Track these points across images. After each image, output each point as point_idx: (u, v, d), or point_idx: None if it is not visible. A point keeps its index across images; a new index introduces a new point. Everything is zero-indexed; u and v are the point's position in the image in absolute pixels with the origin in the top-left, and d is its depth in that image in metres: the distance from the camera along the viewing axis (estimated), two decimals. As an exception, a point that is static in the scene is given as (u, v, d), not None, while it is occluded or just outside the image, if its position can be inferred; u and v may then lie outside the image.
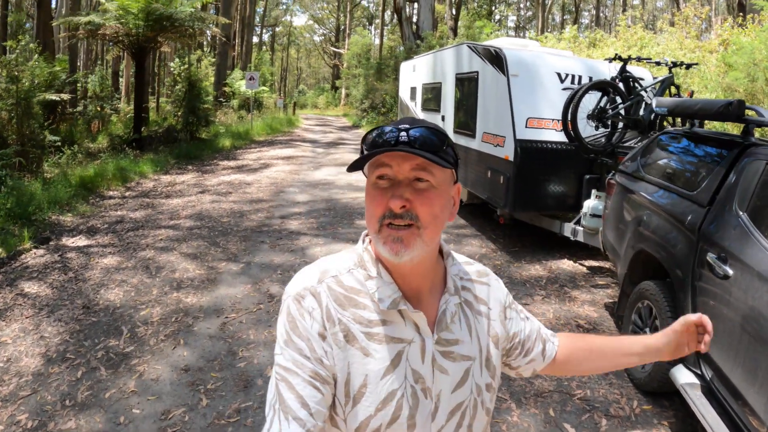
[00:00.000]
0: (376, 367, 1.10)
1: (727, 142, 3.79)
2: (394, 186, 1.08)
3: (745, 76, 9.46)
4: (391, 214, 1.07)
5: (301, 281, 1.16)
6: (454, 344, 1.18)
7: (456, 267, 1.28)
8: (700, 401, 3.12)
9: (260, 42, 61.01)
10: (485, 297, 1.29)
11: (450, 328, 1.18)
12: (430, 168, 1.09)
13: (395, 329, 1.13)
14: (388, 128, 1.10)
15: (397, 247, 1.07)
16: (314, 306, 1.11)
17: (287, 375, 1.06)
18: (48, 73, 12.40)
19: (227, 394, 3.84)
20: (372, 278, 1.15)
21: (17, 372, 4.07)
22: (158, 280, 5.97)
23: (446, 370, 1.16)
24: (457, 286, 1.23)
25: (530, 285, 6.19)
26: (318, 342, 1.08)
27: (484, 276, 1.33)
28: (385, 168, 1.09)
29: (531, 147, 6.95)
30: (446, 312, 1.18)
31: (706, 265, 3.20)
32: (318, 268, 1.19)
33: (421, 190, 1.08)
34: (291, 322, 1.10)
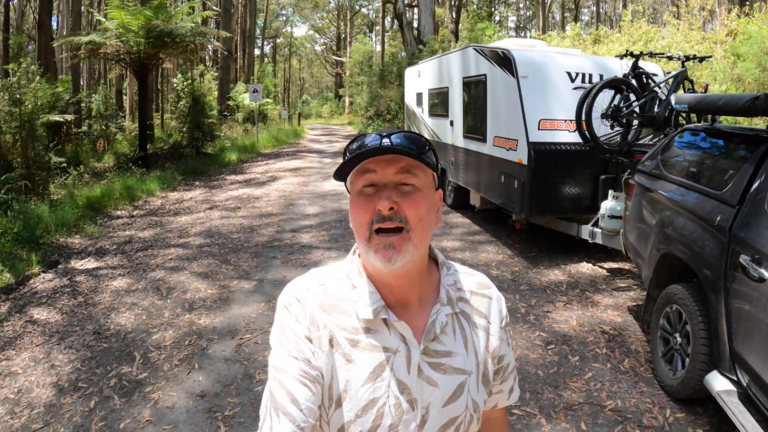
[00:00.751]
0: (357, 374, 1.10)
1: (753, 137, 3.63)
2: (379, 191, 1.09)
3: (756, 66, 9.29)
4: (380, 218, 1.07)
5: (289, 291, 1.18)
6: (444, 356, 1.16)
7: (452, 277, 1.24)
8: (738, 408, 2.98)
9: (262, 54, 61.17)
10: (485, 310, 1.26)
11: (441, 339, 1.16)
12: (413, 171, 1.10)
13: (380, 338, 1.12)
14: (369, 136, 1.12)
15: (389, 254, 1.06)
16: (300, 312, 1.13)
17: (278, 374, 1.09)
18: (51, 95, 12.39)
19: (246, 421, 3.71)
20: (355, 288, 1.16)
21: (29, 403, 3.96)
22: (170, 301, 5.86)
23: (435, 383, 1.13)
24: (451, 296, 1.20)
25: (551, 291, 6.04)
26: (305, 343, 1.10)
27: (485, 288, 1.29)
28: (370, 174, 1.10)
29: (545, 149, 6.81)
30: (436, 322, 1.15)
31: (740, 267, 3.05)
32: (307, 277, 1.21)
33: (406, 193, 1.09)
34: (280, 327, 1.14)
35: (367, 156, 1.07)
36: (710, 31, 14.74)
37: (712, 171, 3.96)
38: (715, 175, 3.85)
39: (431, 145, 1.15)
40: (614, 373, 4.25)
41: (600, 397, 3.92)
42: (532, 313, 5.43)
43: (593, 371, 4.29)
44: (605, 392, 3.99)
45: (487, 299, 1.27)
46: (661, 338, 4.11)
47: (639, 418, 3.67)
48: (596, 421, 3.65)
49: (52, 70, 14.38)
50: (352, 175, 1.13)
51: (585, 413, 3.73)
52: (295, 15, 71.69)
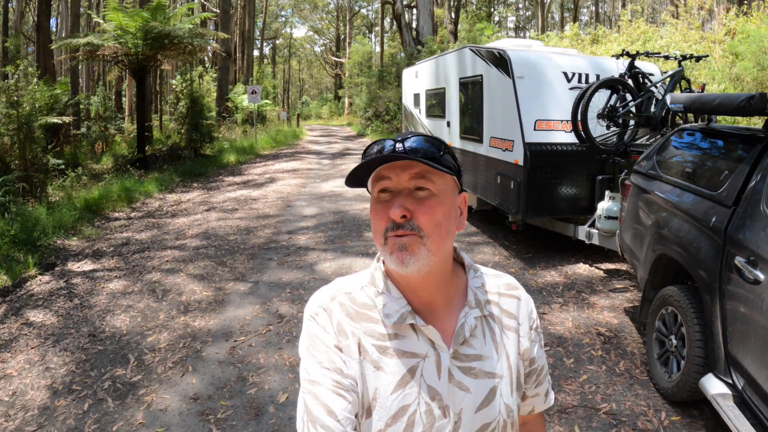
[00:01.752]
0: (386, 381, 1.09)
1: (749, 137, 3.61)
2: (394, 197, 1.08)
3: (754, 65, 9.26)
4: (394, 225, 1.06)
5: (315, 301, 1.18)
6: (475, 360, 1.15)
7: (479, 280, 1.23)
8: (733, 412, 2.95)
9: (261, 55, 61.16)
10: (514, 311, 1.24)
11: (470, 342, 1.15)
12: (428, 176, 1.08)
13: (408, 344, 1.11)
14: (387, 141, 1.10)
15: (402, 255, 1.05)
16: (326, 321, 1.13)
17: (312, 387, 1.08)
18: (49, 97, 12.38)
19: (238, 424, 3.69)
20: (381, 294, 1.15)
21: (23, 406, 3.95)
22: (165, 303, 5.84)
23: (467, 387, 1.12)
24: (479, 299, 1.19)
25: (547, 292, 6.02)
26: (336, 353, 1.09)
27: (513, 289, 1.27)
28: (385, 181, 1.09)
29: (541, 150, 6.79)
30: (465, 326, 1.14)
31: (735, 269, 3.03)
32: (332, 286, 1.20)
33: (421, 198, 1.08)
34: (309, 338, 1.13)
35: (377, 163, 1.07)
36: (709, 31, 14.73)
37: (708, 171, 3.93)
38: (711, 175, 3.83)
39: (449, 149, 1.14)
40: (609, 376, 4.23)
41: (595, 400, 3.90)
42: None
43: (588, 373, 4.27)
44: (600, 395, 3.97)
45: (516, 300, 1.26)
46: (656, 340, 4.09)
47: (634, 421, 3.64)
48: (590, 424, 3.63)
49: (50, 71, 14.37)
50: (371, 180, 1.12)
51: (579, 416, 3.71)
52: (294, 16, 71.79)
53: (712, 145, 4.18)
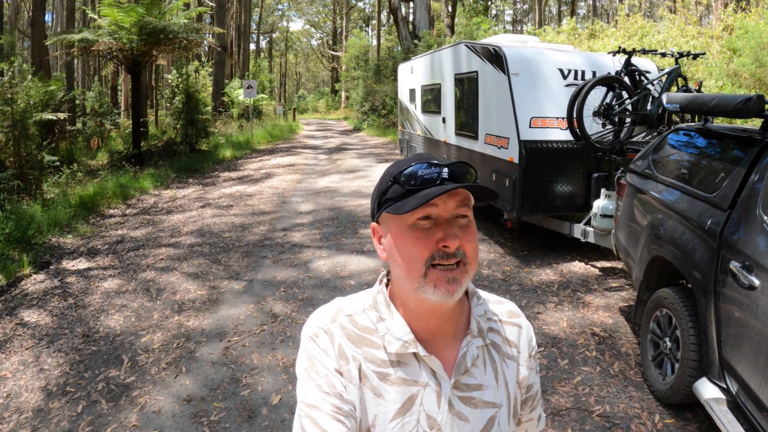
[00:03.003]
0: (386, 408, 1.08)
1: (746, 139, 3.57)
2: (437, 225, 1.05)
3: (753, 62, 9.23)
4: (443, 254, 1.04)
5: (315, 321, 1.16)
6: (475, 389, 1.14)
7: (482, 307, 1.21)
8: (727, 417, 2.95)
9: (257, 49, 60.88)
10: (516, 339, 1.24)
11: (471, 372, 1.14)
12: (469, 203, 1.09)
13: (409, 371, 1.10)
14: (420, 166, 1.07)
15: (453, 288, 1.04)
16: (327, 344, 1.11)
17: (310, 411, 1.06)
18: (44, 93, 12.30)
19: (231, 426, 3.68)
20: (383, 320, 1.13)
21: (17, 408, 3.93)
22: (159, 303, 5.82)
23: (466, 417, 1.11)
24: (482, 327, 1.17)
25: (542, 291, 6.01)
26: (336, 377, 1.08)
27: (515, 317, 1.27)
28: (431, 207, 1.05)
29: (536, 147, 6.77)
30: (467, 355, 1.13)
31: (730, 273, 3.01)
32: (333, 307, 1.18)
33: (464, 226, 1.07)
34: (308, 360, 1.11)
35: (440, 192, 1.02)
36: (706, 26, 14.70)
37: (704, 173, 3.90)
38: (707, 177, 3.80)
39: None
40: (603, 377, 4.22)
41: (588, 402, 3.89)
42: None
43: (582, 375, 4.26)
44: (594, 397, 3.96)
45: (517, 328, 1.25)
46: (651, 342, 4.08)
47: (627, 424, 3.64)
48: (583, 427, 3.62)
49: (45, 67, 14.31)
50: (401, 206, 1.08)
51: (572, 419, 3.70)
52: (291, 9, 71.49)
53: (709, 146, 4.15)
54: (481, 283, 6.23)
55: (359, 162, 17.82)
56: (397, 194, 1.07)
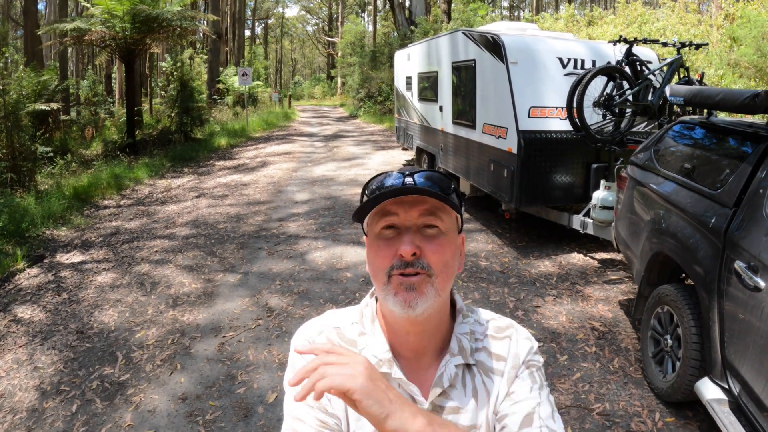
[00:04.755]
0: (365, 425, 1.05)
1: (752, 134, 3.49)
2: (401, 234, 1.03)
3: (754, 52, 9.14)
4: (401, 263, 1.01)
5: (303, 334, 1.15)
6: (452, 412, 1.09)
7: (467, 326, 1.15)
8: (728, 418, 2.90)
9: (253, 36, 60.54)
10: (504, 352, 1.15)
11: (448, 393, 1.09)
12: (438, 213, 1.04)
13: None
14: (390, 175, 1.06)
15: (410, 297, 1.00)
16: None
17: (295, 424, 1.06)
18: (36, 83, 12.16)
19: (227, 425, 3.63)
20: (364, 335, 1.12)
21: (11, 408, 3.88)
22: (153, 297, 5.76)
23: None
24: (463, 346, 1.12)
25: (540, 284, 5.96)
26: None
27: (504, 330, 1.19)
28: (391, 217, 1.03)
29: (535, 138, 6.69)
30: (444, 376, 1.09)
31: (734, 273, 2.95)
32: (321, 320, 1.17)
33: (430, 236, 1.03)
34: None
35: (389, 196, 1.01)
36: (706, 13, 14.59)
37: (708, 168, 3.82)
38: (711, 173, 3.71)
39: (456, 187, 1.10)
40: (603, 374, 4.18)
41: (588, 400, 3.85)
42: (521, 308, 5.35)
43: (582, 371, 4.22)
44: (593, 394, 3.91)
45: (507, 340, 1.17)
46: (651, 339, 4.02)
47: (627, 422, 3.60)
48: (583, 425, 3.57)
49: (38, 57, 14.15)
50: (370, 217, 1.07)
51: (572, 417, 3.66)
52: (287, -5, 70.92)
53: (713, 141, 4.08)
54: (479, 275, 6.18)
55: (356, 150, 17.72)
56: (362, 204, 1.05)
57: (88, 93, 21.60)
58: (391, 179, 1.05)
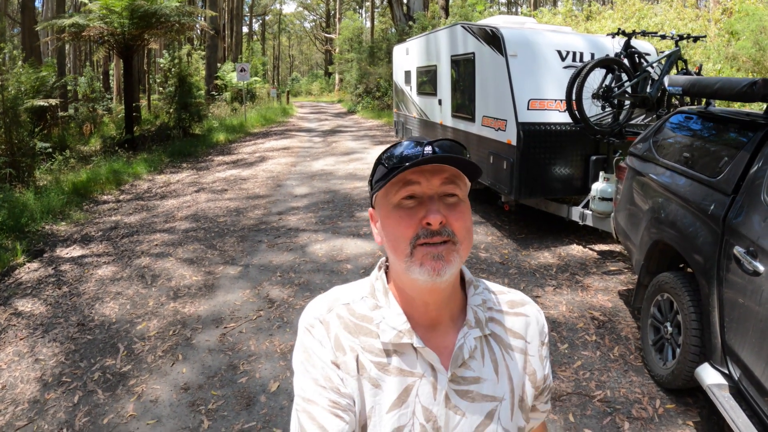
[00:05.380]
0: (383, 399, 1.05)
1: (749, 123, 3.52)
2: (422, 204, 1.03)
3: (753, 45, 9.15)
4: (428, 232, 1.01)
5: (311, 311, 1.13)
6: (473, 383, 1.09)
7: (481, 296, 1.16)
8: (729, 403, 2.92)
9: (250, 32, 60.44)
10: (521, 330, 1.18)
11: (468, 364, 1.09)
12: (456, 181, 1.05)
13: (406, 361, 1.07)
14: (407, 144, 1.05)
15: (438, 265, 1.00)
16: (323, 335, 1.08)
17: (307, 405, 1.04)
18: (35, 79, 12.15)
19: (229, 414, 3.65)
20: (379, 308, 1.10)
21: (13, 400, 3.89)
22: (154, 289, 5.77)
23: (462, 411, 1.07)
24: (479, 318, 1.12)
25: (540, 275, 5.98)
26: (333, 370, 1.05)
27: (519, 306, 1.21)
28: (413, 186, 1.03)
29: (534, 130, 6.71)
30: (464, 347, 1.08)
31: (733, 259, 2.97)
32: (329, 296, 1.15)
33: (452, 204, 1.04)
34: (305, 353, 1.09)
35: (414, 165, 1.01)
36: (704, 8, 14.59)
37: (706, 157, 3.84)
38: (709, 161, 3.74)
39: None
40: (604, 362, 4.20)
41: (589, 387, 3.87)
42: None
43: (582, 359, 4.24)
44: (594, 381, 3.94)
45: (523, 317, 1.20)
46: (651, 327, 4.05)
47: (628, 408, 3.62)
48: (584, 412, 3.60)
49: (36, 53, 14.12)
50: (387, 187, 1.06)
51: (573, 404, 3.69)
52: (284, -9, 70.77)
53: (711, 130, 4.09)
54: (479, 266, 6.20)
55: (354, 144, 17.72)
56: (381, 175, 1.06)
57: (86, 89, 21.53)
58: (410, 148, 1.05)
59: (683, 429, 3.43)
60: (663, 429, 3.43)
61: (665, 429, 3.43)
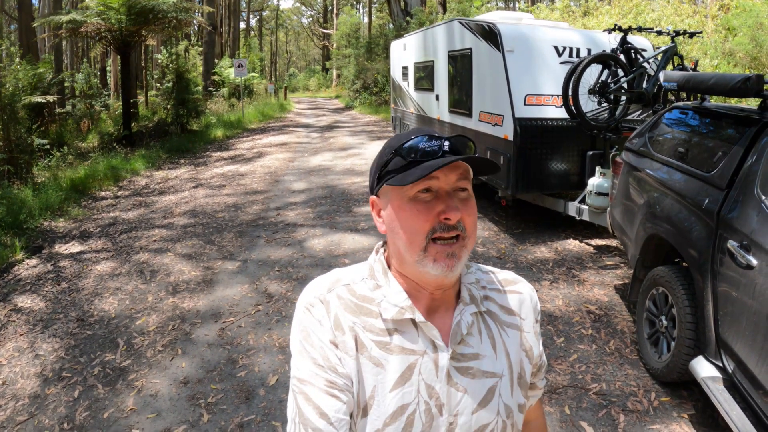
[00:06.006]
0: (386, 378, 1.06)
1: (744, 118, 3.55)
2: (438, 198, 1.05)
3: (749, 41, 9.17)
4: (444, 226, 1.04)
5: (311, 291, 1.13)
6: (472, 359, 1.11)
7: (474, 275, 1.19)
8: (723, 396, 2.95)
9: (248, 28, 60.27)
10: (516, 307, 1.21)
11: (467, 341, 1.11)
12: (468, 176, 1.08)
13: (408, 339, 1.08)
14: (421, 139, 1.06)
15: (452, 263, 1.03)
16: (323, 314, 1.08)
17: (304, 387, 1.04)
18: (32, 76, 12.15)
19: (228, 408, 3.68)
20: (380, 287, 1.12)
21: (13, 395, 3.91)
22: (153, 285, 5.80)
23: (464, 388, 1.09)
24: (474, 295, 1.15)
25: (537, 269, 6.02)
26: (331, 350, 1.05)
27: (512, 284, 1.24)
28: (431, 180, 1.04)
29: (531, 125, 6.74)
30: (461, 323, 1.10)
31: (727, 253, 3.00)
32: (330, 277, 1.16)
33: (464, 199, 1.06)
34: (303, 331, 1.09)
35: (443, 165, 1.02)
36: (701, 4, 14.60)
37: (701, 152, 3.87)
38: (704, 156, 3.77)
39: None
40: (599, 355, 4.24)
41: (585, 380, 3.91)
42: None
43: (578, 353, 4.28)
44: (590, 375, 3.97)
45: (517, 295, 1.22)
46: (646, 320, 4.08)
47: (624, 401, 3.66)
48: (580, 404, 3.63)
49: (33, 50, 14.11)
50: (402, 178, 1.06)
51: (569, 396, 3.72)
52: (281, -13, 70.62)
53: (706, 125, 4.12)
54: (476, 261, 6.15)
55: (352, 140, 17.74)
56: (398, 166, 1.06)
57: (83, 86, 21.51)
58: (426, 142, 1.06)
59: (678, 422, 3.46)
60: (658, 421, 3.46)
61: (660, 421, 3.46)
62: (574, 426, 3.43)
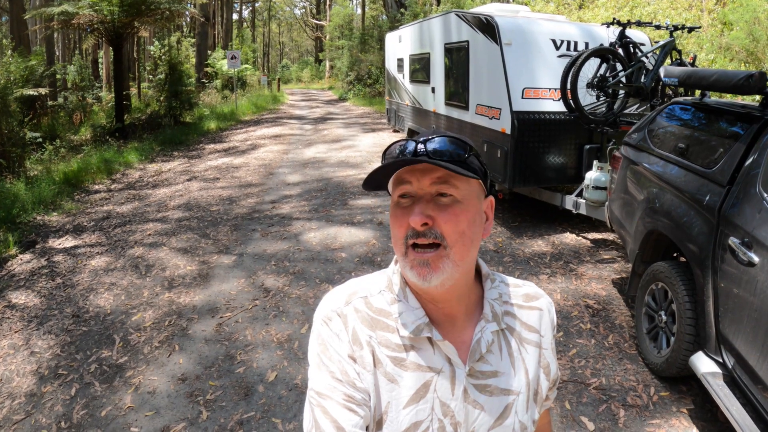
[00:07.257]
0: (400, 394, 1.04)
1: (745, 115, 3.54)
2: (414, 203, 1.01)
3: (746, 36, 9.16)
4: (414, 233, 1.00)
5: (328, 304, 1.11)
6: (491, 377, 1.09)
7: (497, 290, 1.16)
8: (723, 391, 2.95)
9: (240, 19, 60.01)
10: (536, 323, 1.18)
11: (486, 358, 1.09)
12: (452, 181, 1.01)
13: (424, 356, 1.06)
14: (407, 142, 1.04)
15: (424, 272, 1.00)
16: (341, 328, 1.06)
17: (321, 400, 1.02)
18: (24, 68, 12.03)
19: (227, 405, 3.66)
20: (397, 302, 1.09)
21: (9, 394, 3.87)
22: (149, 280, 5.76)
23: (481, 405, 1.06)
24: (496, 311, 1.12)
25: (534, 263, 6.01)
26: (350, 364, 1.04)
27: (533, 300, 1.21)
28: (405, 185, 1.02)
29: (529, 118, 6.71)
30: (481, 341, 1.08)
31: (728, 249, 3.00)
32: (347, 289, 1.13)
33: (444, 205, 1.01)
34: (321, 345, 1.07)
35: (396, 166, 1.00)
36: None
37: (702, 148, 3.86)
38: (705, 152, 3.76)
39: (474, 150, 1.07)
40: (599, 350, 4.24)
41: (584, 375, 3.91)
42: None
43: (577, 347, 4.28)
44: (590, 369, 3.97)
45: (537, 311, 1.19)
46: (645, 315, 4.08)
47: (623, 396, 3.66)
48: (580, 399, 3.64)
49: (25, 42, 13.97)
50: (391, 183, 1.06)
51: (569, 391, 3.72)
52: (274, -23, 70.22)
53: (706, 121, 4.11)
54: (474, 256, 6.21)
55: (345, 132, 17.69)
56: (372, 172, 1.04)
57: (75, 78, 21.36)
58: (406, 144, 1.03)
59: (677, 416, 3.47)
60: (657, 416, 3.47)
61: (660, 416, 3.47)
62: (574, 421, 3.43)
